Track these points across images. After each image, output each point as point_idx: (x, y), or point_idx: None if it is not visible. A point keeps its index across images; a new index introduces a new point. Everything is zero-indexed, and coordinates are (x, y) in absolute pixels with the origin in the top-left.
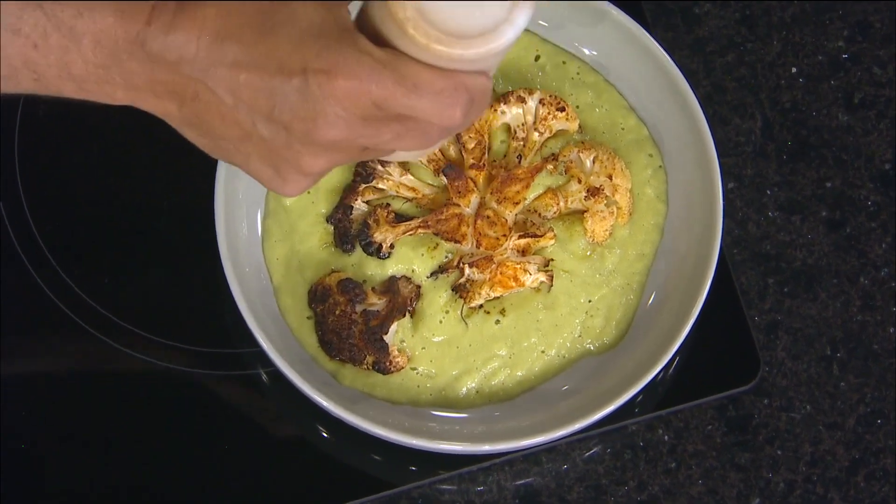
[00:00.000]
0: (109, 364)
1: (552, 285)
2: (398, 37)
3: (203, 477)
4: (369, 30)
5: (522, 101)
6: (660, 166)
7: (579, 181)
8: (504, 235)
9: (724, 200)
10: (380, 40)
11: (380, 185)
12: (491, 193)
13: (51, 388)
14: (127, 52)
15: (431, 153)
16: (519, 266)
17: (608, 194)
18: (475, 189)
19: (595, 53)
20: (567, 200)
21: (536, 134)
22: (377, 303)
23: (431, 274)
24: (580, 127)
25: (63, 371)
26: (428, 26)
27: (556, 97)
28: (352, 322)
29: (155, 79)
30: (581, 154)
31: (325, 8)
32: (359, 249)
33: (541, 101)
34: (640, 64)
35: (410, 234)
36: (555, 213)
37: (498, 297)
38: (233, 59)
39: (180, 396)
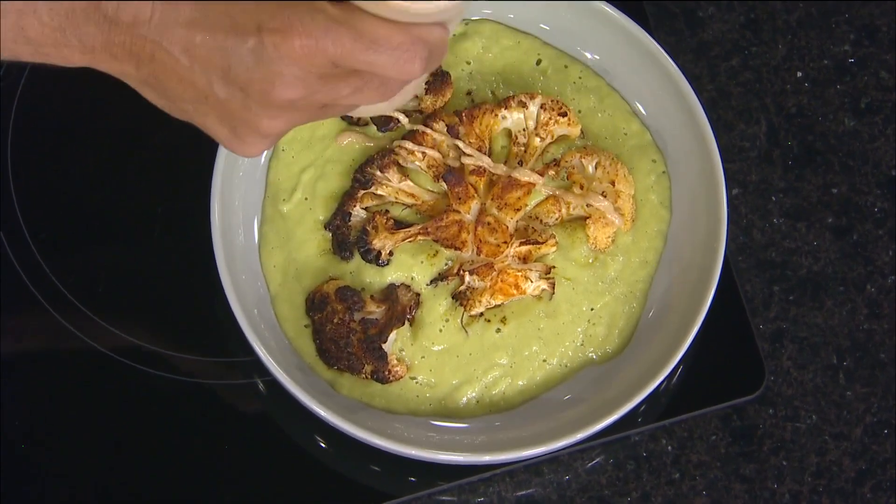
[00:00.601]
0: (104, 373)
1: (554, 293)
2: None
3: (199, 487)
4: None
5: (524, 105)
6: (663, 172)
7: (581, 187)
8: (505, 242)
9: (728, 207)
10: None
11: (379, 192)
12: (492, 199)
13: (46, 395)
14: (83, 14)
15: (398, 104)
16: (520, 273)
17: (611, 200)
18: (476, 195)
19: (597, 57)
20: (569, 207)
21: (538, 139)
22: (376, 311)
23: (431, 281)
24: (582, 132)
25: (57, 379)
26: None
27: (557, 102)
28: (350, 330)
29: (111, 41)
30: (583, 160)
31: None
32: (357, 257)
33: (542, 106)
34: (643, 68)
35: (410, 241)
36: (556, 219)
37: (499, 305)
38: (188, 18)
39: (176, 405)
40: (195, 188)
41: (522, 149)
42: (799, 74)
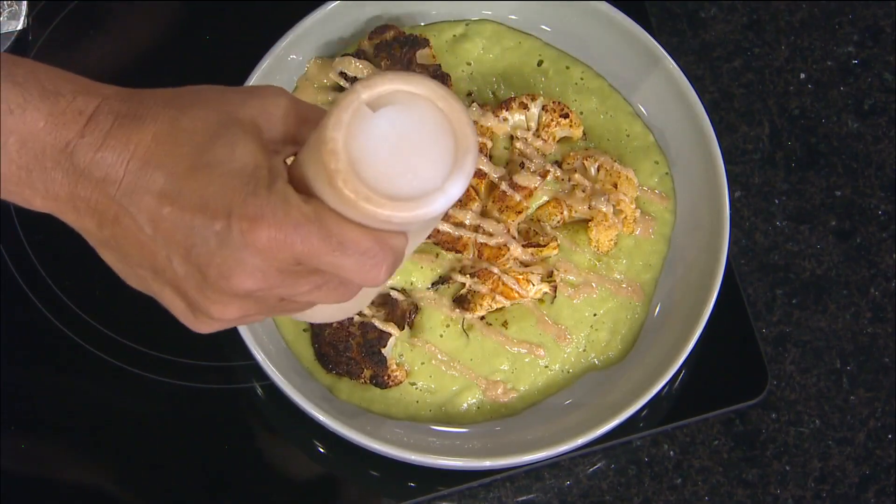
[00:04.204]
0: (103, 377)
1: (556, 297)
2: (325, 187)
3: (197, 491)
4: (300, 178)
5: (525, 107)
6: (666, 174)
7: (584, 190)
8: (506, 245)
9: (730, 209)
10: (309, 190)
11: None
12: (493, 202)
13: (43, 398)
14: (53, 159)
15: (351, 312)
16: (522, 277)
17: (613, 203)
18: (477, 197)
19: (599, 58)
20: (571, 209)
21: (540, 141)
22: (375, 315)
23: (432, 285)
24: (584, 133)
25: (54, 383)
26: (358, 182)
27: (559, 103)
28: (349, 335)
29: (77, 193)
30: (585, 162)
31: (263, 153)
32: None
33: (544, 108)
34: (645, 70)
35: None
36: (558, 222)
37: (500, 309)
38: (159, 188)
39: (173, 409)
40: None
41: (524, 151)
42: (802, 76)
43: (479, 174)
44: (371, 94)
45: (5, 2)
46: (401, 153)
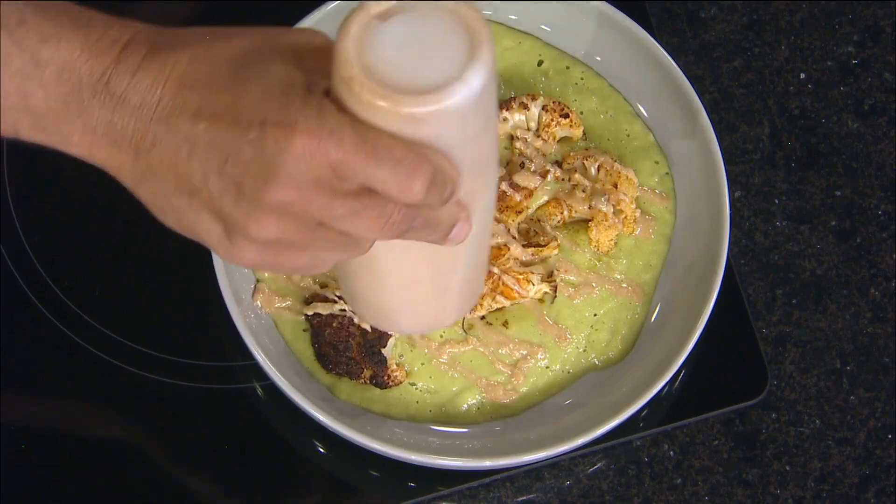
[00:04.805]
0: (102, 377)
1: (556, 296)
2: (348, 98)
3: (196, 491)
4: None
5: (525, 107)
6: (666, 174)
7: (584, 189)
8: (506, 245)
9: (730, 209)
10: (345, 110)
11: None
12: None
13: (42, 397)
14: (90, 89)
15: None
16: (522, 277)
17: (613, 203)
18: None
19: (599, 58)
20: (571, 209)
21: (540, 141)
22: None
23: None
24: (584, 133)
25: (53, 382)
26: (373, 83)
27: (559, 103)
28: (349, 335)
29: (114, 123)
30: (585, 162)
31: (299, 71)
32: None
33: (544, 108)
34: (645, 69)
35: None
36: (559, 221)
37: (500, 309)
38: (196, 107)
39: (173, 410)
40: None
41: (524, 151)
42: (802, 76)
43: None
44: (380, 7)
45: None
46: (414, 53)
